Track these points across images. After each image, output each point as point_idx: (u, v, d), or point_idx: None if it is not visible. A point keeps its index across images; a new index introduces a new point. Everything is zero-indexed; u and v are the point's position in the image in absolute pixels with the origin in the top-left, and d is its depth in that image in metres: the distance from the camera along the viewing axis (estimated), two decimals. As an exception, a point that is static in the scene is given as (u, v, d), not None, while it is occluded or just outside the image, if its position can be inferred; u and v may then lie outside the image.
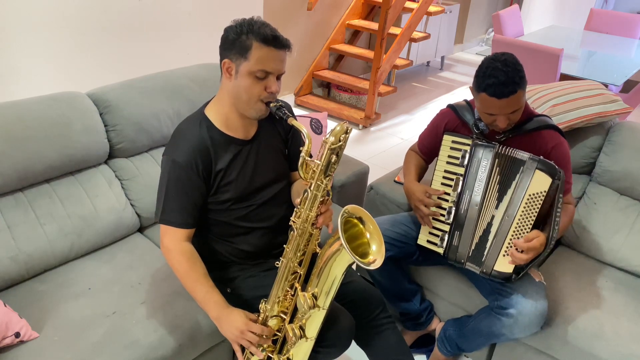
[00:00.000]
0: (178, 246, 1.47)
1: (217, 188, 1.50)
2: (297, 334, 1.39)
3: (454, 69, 6.03)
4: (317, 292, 1.36)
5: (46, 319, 1.53)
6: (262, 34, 1.35)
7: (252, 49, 1.35)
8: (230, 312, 1.40)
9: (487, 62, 1.57)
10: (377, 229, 1.34)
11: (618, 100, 2.09)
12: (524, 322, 1.62)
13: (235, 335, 1.38)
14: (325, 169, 1.31)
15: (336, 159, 1.31)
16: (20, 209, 1.70)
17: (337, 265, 1.32)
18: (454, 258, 1.74)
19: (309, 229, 1.36)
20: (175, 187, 1.45)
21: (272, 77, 1.39)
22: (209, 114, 1.50)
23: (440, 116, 1.89)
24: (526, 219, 1.60)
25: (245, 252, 1.59)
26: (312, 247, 1.39)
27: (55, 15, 2.49)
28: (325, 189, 1.33)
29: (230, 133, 1.50)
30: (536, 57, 3.44)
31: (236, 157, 1.51)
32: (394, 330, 1.69)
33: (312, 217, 1.34)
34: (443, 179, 1.77)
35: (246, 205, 1.54)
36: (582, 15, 5.41)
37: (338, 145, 1.29)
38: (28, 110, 1.75)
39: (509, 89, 1.52)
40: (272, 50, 1.36)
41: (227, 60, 1.40)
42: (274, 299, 1.42)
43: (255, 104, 1.41)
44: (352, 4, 4.70)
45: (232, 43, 1.37)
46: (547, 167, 1.58)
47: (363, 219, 1.35)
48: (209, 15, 3.15)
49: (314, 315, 1.39)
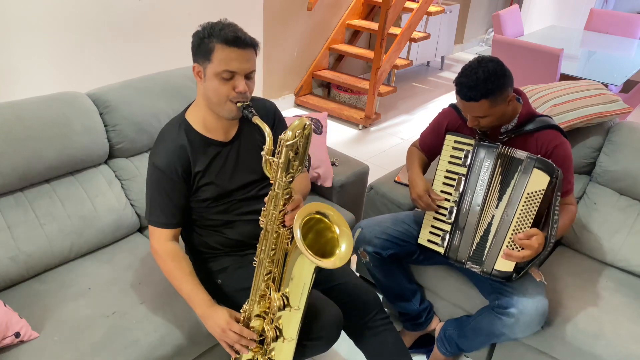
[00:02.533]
0: (163, 246, 1.51)
1: (197, 188, 1.53)
2: (272, 335, 1.39)
3: (454, 69, 6.03)
4: (287, 292, 1.35)
5: (46, 319, 1.53)
6: (222, 35, 1.37)
7: (214, 51, 1.37)
8: (214, 310, 1.42)
9: (473, 61, 1.59)
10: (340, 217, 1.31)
11: (618, 100, 2.09)
12: (524, 321, 1.62)
13: (218, 333, 1.41)
14: (286, 167, 1.28)
15: (295, 157, 1.26)
16: (20, 209, 1.70)
17: (303, 267, 1.30)
18: (455, 258, 1.74)
19: (275, 228, 1.34)
20: (157, 190, 1.50)
21: (238, 77, 1.40)
22: (189, 117, 1.54)
23: (442, 115, 1.89)
24: (525, 218, 1.60)
25: (233, 240, 1.61)
26: (284, 247, 1.38)
27: (55, 15, 2.49)
28: (287, 187, 1.31)
29: (209, 135, 1.53)
30: (536, 57, 3.44)
31: (215, 158, 1.54)
32: (391, 331, 1.69)
33: (277, 216, 1.33)
34: (445, 178, 1.77)
35: (226, 202, 1.57)
36: (582, 15, 5.41)
37: (294, 142, 1.23)
38: (28, 110, 1.75)
39: (471, 95, 1.55)
40: (235, 51, 1.37)
41: (196, 65, 1.44)
42: (252, 298, 1.41)
43: (225, 104, 1.43)
44: (352, 4, 4.70)
45: (197, 47, 1.41)
46: (545, 165, 1.58)
47: (325, 212, 1.32)
48: (209, 16, 3.13)
49: (290, 316, 1.37)
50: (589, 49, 4.31)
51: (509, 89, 1.60)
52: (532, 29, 5.15)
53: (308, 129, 1.25)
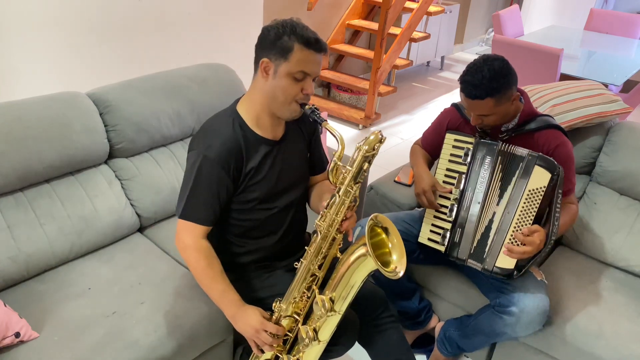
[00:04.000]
0: (196, 243, 1.46)
1: (245, 187, 1.49)
2: (311, 336, 1.39)
3: (454, 69, 6.03)
4: (334, 297, 1.36)
5: (46, 319, 1.53)
6: (304, 36, 1.36)
7: (293, 50, 1.36)
8: (245, 310, 1.42)
9: (478, 59, 1.60)
10: (400, 242, 1.35)
11: (618, 100, 2.09)
12: (525, 320, 1.62)
13: (250, 333, 1.40)
14: (356, 175, 1.33)
15: (367, 167, 1.34)
16: (20, 209, 1.70)
17: (359, 272, 1.33)
18: (456, 255, 1.74)
19: (332, 233, 1.37)
20: (202, 183, 1.43)
21: (308, 79, 1.40)
22: (241, 112, 1.49)
23: (443, 114, 1.90)
24: (526, 215, 1.60)
25: (259, 253, 1.59)
26: (334, 252, 1.40)
27: (55, 15, 2.48)
28: (354, 195, 1.35)
29: (260, 133, 1.50)
30: (536, 57, 3.44)
31: (266, 157, 1.50)
32: (396, 329, 1.69)
33: (337, 222, 1.36)
34: (445, 177, 1.77)
35: (268, 208, 1.54)
36: (582, 15, 5.41)
37: (371, 154, 1.33)
38: (28, 110, 1.75)
39: (477, 93, 1.55)
40: (313, 54, 1.37)
41: (266, 60, 1.39)
42: (289, 299, 1.42)
43: (290, 104, 1.41)
44: (352, 4, 4.70)
45: (272, 43, 1.37)
46: (546, 162, 1.58)
47: (389, 229, 1.37)
48: (209, 15, 3.15)
49: (329, 320, 1.39)
50: (589, 49, 4.31)
51: (514, 87, 1.60)
52: (532, 29, 5.15)
53: (383, 141, 1.35)
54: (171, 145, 2.13)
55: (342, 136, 1.37)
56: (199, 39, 3.14)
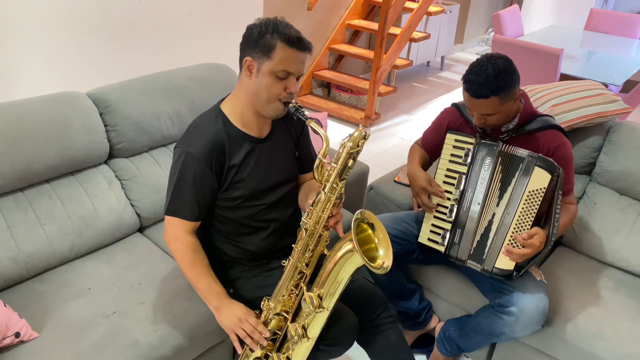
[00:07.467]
0: (183, 237, 1.48)
1: (230, 184, 1.50)
2: (300, 333, 1.40)
3: (454, 69, 6.03)
4: (322, 293, 1.37)
5: (46, 319, 1.53)
6: (287, 34, 1.36)
7: (276, 48, 1.36)
8: (231, 302, 1.45)
9: (481, 58, 1.59)
10: (386, 238, 1.36)
11: (618, 100, 2.09)
12: (525, 320, 1.62)
13: (233, 323, 1.41)
14: (341, 172, 1.34)
15: (352, 163, 1.34)
16: (20, 209, 1.70)
17: (346, 268, 1.34)
18: (455, 256, 1.74)
19: (319, 230, 1.38)
20: (186, 179, 1.45)
21: (292, 78, 1.40)
22: (225, 109, 1.51)
23: (443, 114, 1.90)
24: (526, 216, 1.60)
25: (249, 252, 1.59)
26: (321, 249, 1.41)
27: (55, 15, 2.48)
28: (339, 192, 1.36)
29: (245, 130, 1.51)
30: (536, 57, 3.44)
31: (250, 154, 1.51)
32: (395, 329, 1.69)
33: (323, 219, 1.37)
34: (445, 177, 1.77)
35: (256, 204, 1.55)
36: (582, 15, 5.41)
37: (356, 150, 1.33)
38: (28, 110, 1.75)
39: (481, 92, 1.55)
40: (295, 52, 1.38)
41: (249, 58, 1.40)
42: (277, 297, 1.42)
43: (274, 103, 1.42)
44: (352, 4, 4.70)
45: (255, 41, 1.38)
46: (546, 163, 1.58)
47: (374, 225, 1.37)
48: (209, 15, 3.15)
49: (318, 316, 1.40)
50: (589, 49, 4.31)
51: (517, 86, 1.60)
52: (532, 29, 5.15)
53: (367, 138, 1.34)
54: (171, 145, 2.13)
55: (326, 134, 1.37)
56: (199, 39, 3.14)
